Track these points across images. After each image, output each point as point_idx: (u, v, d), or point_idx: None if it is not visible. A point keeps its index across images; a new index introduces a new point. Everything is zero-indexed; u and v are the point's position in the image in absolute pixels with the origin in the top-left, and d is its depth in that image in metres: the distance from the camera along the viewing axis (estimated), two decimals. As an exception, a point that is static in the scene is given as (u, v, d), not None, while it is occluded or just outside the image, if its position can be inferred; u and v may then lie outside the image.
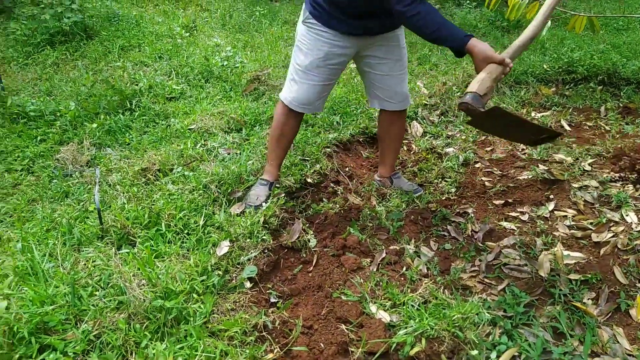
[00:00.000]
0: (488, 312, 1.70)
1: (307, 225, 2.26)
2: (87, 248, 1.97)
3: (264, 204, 2.26)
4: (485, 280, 1.94)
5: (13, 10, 5.21)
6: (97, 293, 1.71)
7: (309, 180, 2.55)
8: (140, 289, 1.65)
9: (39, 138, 2.99)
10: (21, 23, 4.72)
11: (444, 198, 2.52)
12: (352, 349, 1.62)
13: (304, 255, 2.13)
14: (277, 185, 2.40)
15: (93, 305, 1.66)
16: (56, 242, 2.00)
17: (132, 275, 1.73)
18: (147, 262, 1.79)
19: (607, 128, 3.16)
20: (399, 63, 2.26)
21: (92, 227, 2.08)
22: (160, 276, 1.73)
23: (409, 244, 2.16)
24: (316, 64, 2.14)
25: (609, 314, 1.73)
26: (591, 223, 2.20)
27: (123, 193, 2.30)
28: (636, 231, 2.11)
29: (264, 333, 1.67)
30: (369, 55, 2.22)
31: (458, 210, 2.41)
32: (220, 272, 1.86)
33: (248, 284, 1.88)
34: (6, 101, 3.18)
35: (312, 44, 2.12)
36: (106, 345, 1.54)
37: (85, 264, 1.87)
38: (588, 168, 2.63)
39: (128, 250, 1.90)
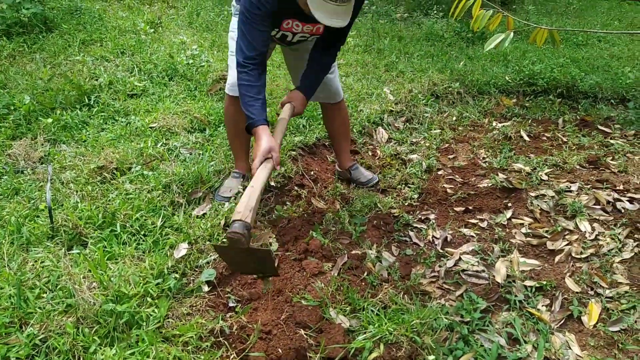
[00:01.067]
0: (446, 318, 1.72)
1: (270, 228, 2.23)
2: (36, 248, 1.89)
3: (235, 196, 2.28)
4: (444, 285, 1.96)
5: (-33, -3, 4.96)
6: (44, 295, 1.64)
7: (272, 183, 2.52)
8: (91, 292, 1.59)
9: (-11, 132, 2.85)
10: (-25, 12, 4.51)
11: (406, 204, 2.54)
12: (311, 355, 1.60)
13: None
14: (248, 176, 2.41)
15: (40, 307, 1.59)
16: (3, 241, 1.90)
17: (83, 277, 1.66)
18: (99, 263, 1.72)
19: (565, 139, 3.27)
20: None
21: (42, 226, 1.99)
22: (112, 279, 1.66)
23: (370, 249, 2.16)
24: None
25: (562, 321, 1.77)
26: (547, 231, 2.25)
27: (77, 191, 2.21)
28: (589, 240, 2.17)
29: (221, 338, 1.63)
30: (292, 49, 2.33)
31: (420, 216, 2.43)
32: (177, 275, 1.81)
33: (206, 288, 1.83)
34: (-45, 92, 3.02)
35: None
36: (52, 350, 1.47)
37: (33, 265, 1.79)
38: (545, 178, 2.70)
39: (79, 251, 1.82)
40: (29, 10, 4.30)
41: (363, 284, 1.96)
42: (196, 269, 1.89)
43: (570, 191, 2.55)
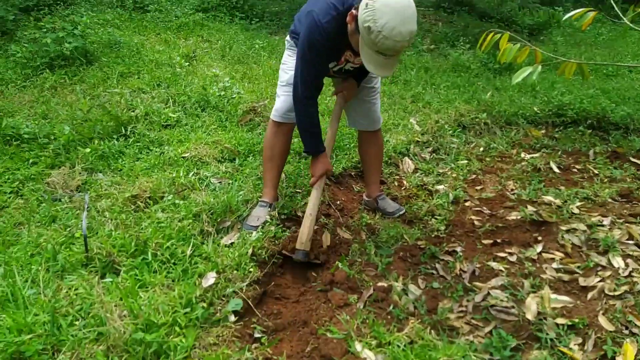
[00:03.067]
0: (474, 355, 1.68)
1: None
2: (71, 275, 1.95)
3: (263, 225, 2.34)
4: (472, 321, 1.93)
5: (15, 32, 5.28)
6: (77, 323, 1.68)
7: (299, 213, 2.55)
8: (121, 320, 1.63)
9: (30, 161, 2.98)
10: (22, 46, 4.78)
11: (433, 235, 2.52)
12: (335, 389, 1.59)
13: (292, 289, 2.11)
14: (275, 205, 2.50)
15: (72, 335, 1.63)
16: (39, 268, 1.97)
17: (114, 305, 1.70)
18: (130, 292, 1.77)
19: (596, 172, 3.21)
20: (372, 89, 2.51)
21: (77, 253, 2.05)
22: (142, 307, 1.70)
23: (397, 281, 2.15)
24: None
25: (596, 361, 1.71)
26: (578, 267, 2.20)
27: (111, 220, 2.29)
28: (623, 276, 2.11)
29: (246, 369, 1.63)
30: (340, 76, 2.44)
31: (447, 249, 2.41)
32: (204, 305, 1.83)
33: (232, 318, 1.85)
34: (1, 123, 3.18)
35: (292, 61, 2.31)
36: (83, 377, 1.50)
37: (67, 292, 1.85)
38: (576, 211, 2.65)
39: (111, 279, 1.88)
40: (71, 44, 4.54)
41: (389, 317, 1.94)
42: (223, 298, 1.92)
43: (603, 225, 2.49)
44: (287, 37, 2.44)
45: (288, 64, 2.41)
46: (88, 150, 3.01)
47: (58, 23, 4.89)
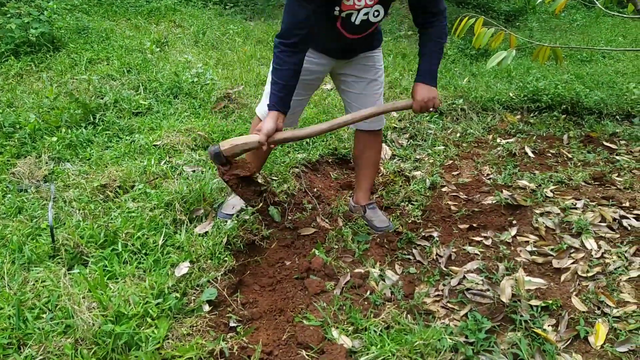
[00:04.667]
0: (450, 338, 1.68)
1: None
2: (37, 267, 1.88)
3: (238, 213, 2.26)
4: (448, 305, 1.93)
5: (-23, 18, 5.05)
6: (43, 316, 1.62)
7: (275, 199, 2.51)
8: (90, 312, 1.57)
9: (-6, 150, 2.87)
10: (-15, 32, 4.58)
11: (410, 221, 2.51)
12: (312, 377, 1.57)
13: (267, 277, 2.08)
14: None
15: (39, 328, 1.57)
16: (4, 260, 1.90)
17: (82, 297, 1.65)
18: (99, 283, 1.71)
19: (570, 156, 3.25)
20: (374, 83, 2.26)
21: (44, 245, 1.98)
22: (112, 299, 1.65)
23: (374, 267, 2.14)
24: None
25: (569, 341, 1.73)
26: (552, 249, 2.22)
27: (79, 210, 2.21)
28: (595, 258, 2.14)
29: (221, 359, 1.60)
30: (345, 74, 2.25)
31: (423, 234, 2.41)
32: (177, 295, 1.79)
33: (207, 308, 1.81)
34: (-38, 111, 3.05)
35: None
36: (50, 372, 1.45)
37: (33, 285, 1.78)
38: (550, 195, 2.68)
39: (79, 271, 1.81)
40: (37, 29, 4.35)
41: (366, 303, 1.93)
42: (197, 288, 1.88)
43: (576, 208, 2.52)
44: None
45: None
46: (55, 139, 2.90)
47: (23, 8, 4.68)
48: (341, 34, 2.01)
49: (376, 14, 1.98)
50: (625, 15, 2.99)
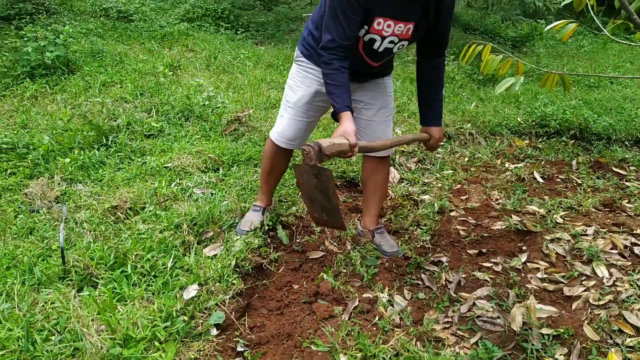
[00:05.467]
0: (460, 367, 1.66)
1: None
2: (47, 289, 1.89)
3: (255, 229, 2.32)
4: (458, 332, 1.91)
5: (-5, 41, 5.20)
6: (52, 338, 1.63)
7: (283, 219, 2.52)
8: (98, 335, 1.57)
9: (8, 171, 2.91)
10: (3, 54, 4.70)
11: (418, 246, 2.50)
12: (319, 404, 1.55)
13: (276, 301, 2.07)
14: (270, 210, 2.48)
15: (47, 350, 1.58)
16: (15, 281, 1.91)
17: (91, 319, 1.65)
18: (108, 305, 1.72)
19: (579, 181, 3.23)
20: (384, 110, 2.28)
21: (54, 266, 2.00)
22: (120, 321, 1.65)
23: (382, 292, 2.12)
24: (304, 100, 2.20)
25: (581, 371, 1.70)
26: (563, 276, 2.20)
27: (90, 231, 2.23)
28: (607, 286, 2.11)
29: (228, 385, 1.59)
30: (355, 100, 2.23)
31: (432, 259, 2.39)
32: (185, 318, 1.79)
33: (214, 331, 1.81)
34: (-22, 132, 3.11)
35: (301, 81, 2.19)
36: (57, 395, 1.44)
37: (43, 306, 1.79)
38: (560, 221, 2.66)
39: (89, 293, 1.82)
40: (53, 53, 4.47)
41: (374, 329, 1.92)
42: (205, 311, 1.87)
43: (587, 235, 2.50)
44: (297, 51, 2.23)
45: (295, 80, 2.22)
46: (68, 160, 2.95)
47: (40, 32, 4.82)
48: (362, 58, 2.06)
49: (400, 46, 2.04)
50: (633, 44, 3.01)
